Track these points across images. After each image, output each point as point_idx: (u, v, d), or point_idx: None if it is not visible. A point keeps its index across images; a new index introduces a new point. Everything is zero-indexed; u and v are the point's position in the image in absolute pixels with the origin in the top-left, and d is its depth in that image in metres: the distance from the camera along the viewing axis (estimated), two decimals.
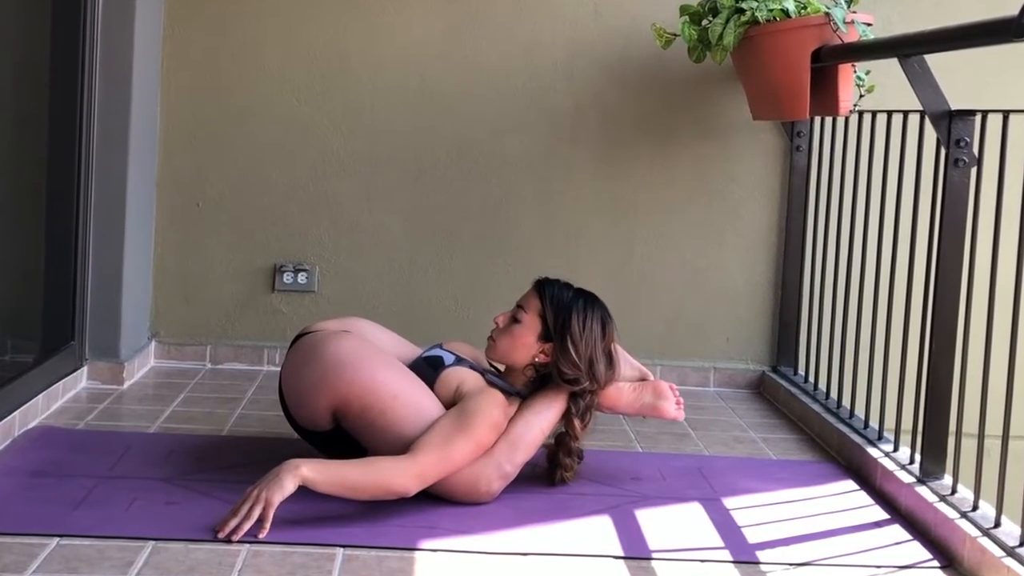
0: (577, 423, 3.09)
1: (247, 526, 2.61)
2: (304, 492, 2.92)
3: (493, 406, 2.96)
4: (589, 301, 3.13)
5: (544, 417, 3.05)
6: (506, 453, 2.96)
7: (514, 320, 3.09)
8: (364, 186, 4.38)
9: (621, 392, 3.18)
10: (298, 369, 3.05)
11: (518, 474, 3.01)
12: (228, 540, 2.59)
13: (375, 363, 2.98)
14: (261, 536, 2.60)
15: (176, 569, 2.45)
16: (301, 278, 4.37)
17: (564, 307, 3.07)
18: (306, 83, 4.36)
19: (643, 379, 3.26)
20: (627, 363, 3.26)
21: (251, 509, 2.64)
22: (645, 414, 3.21)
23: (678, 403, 3.19)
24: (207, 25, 4.33)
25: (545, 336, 3.07)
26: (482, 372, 3.10)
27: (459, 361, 3.11)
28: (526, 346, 3.07)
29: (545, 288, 3.12)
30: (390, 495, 2.76)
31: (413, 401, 2.94)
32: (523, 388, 3.10)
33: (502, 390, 3.04)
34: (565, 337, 3.04)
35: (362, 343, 3.05)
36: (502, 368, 3.18)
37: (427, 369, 3.07)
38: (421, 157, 4.38)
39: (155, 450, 3.25)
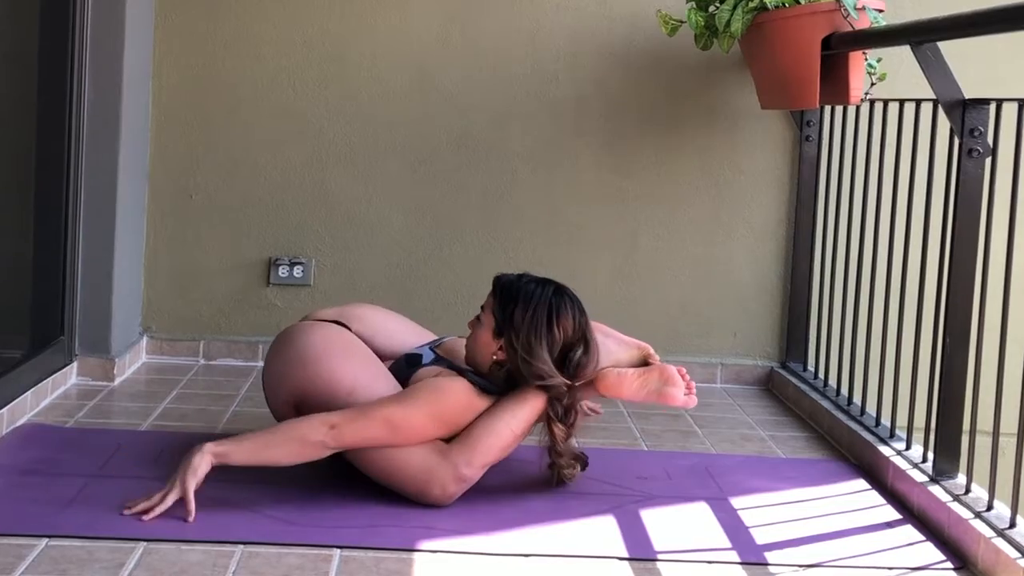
0: (557, 427, 2.95)
1: (157, 511, 2.69)
2: (302, 492, 2.92)
3: (443, 395, 2.89)
4: (540, 293, 2.97)
5: (513, 417, 2.92)
6: (463, 455, 2.87)
7: (477, 320, 3.05)
8: (362, 177, 4.37)
9: (623, 379, 3.02)
10: (269, 360, 3.12)
11: (519, 473, 3.00)
12: (138, 518, 2.69)
13: (338, 357, 2.98)
14: (189, 520, 2.68)
15: (168, 571, 2.44)
16: (297, 271, 4.36)
17: (511, 300, 2.97)
18: (302, 71, 4.35)
19: (646, 360, 3.11)
20: (623, 345, 3.13)
21: (164, 497, 2.71)
22: (652, 401, 3.04)
23: (688, 389, 3.03)
24: (200, 11, 4.32)
25: (498, 332, 2.98)
26: (462, 371, 3.01)
27: (437, 360, 3.08)
28: (485, 344, 2.99)
29: (498, 283, 3.04)
30: (306, 447, 2.79)
31: (370, 395, 2.92)
32: (499, 388, 3.00)
33: (482, 388, 2.96)
34: (509, 331, 2.94)
35: (336, 335, 3.05)
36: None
37: (404, 367, 3.07)
38: (420, 147, 4.37)
39: (147, 448, 3.24)
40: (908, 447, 3.29)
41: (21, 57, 3.87)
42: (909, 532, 2.91)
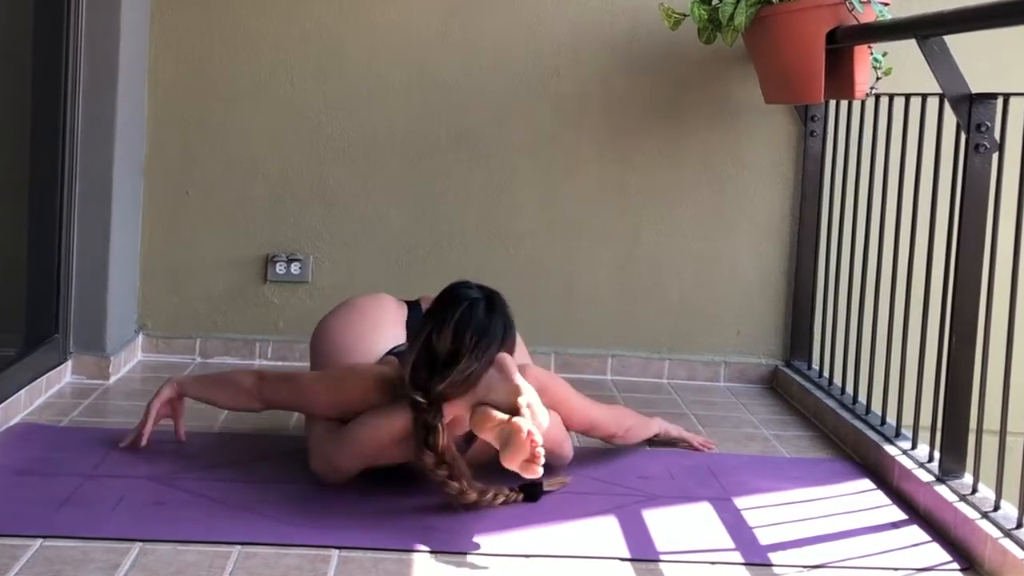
0: (420, 449, 2.79)
1: (144, 439, 3.18)
2: (300, 491, 2.92)
3: (344, 382, 3.00)
4: (453, 300, 2.91)
5: (382, 422, 2.86)
6: (333, 443, 2.94)
7: None
8: (360, 173, 4.37)
9: (486, 418, 2.79)
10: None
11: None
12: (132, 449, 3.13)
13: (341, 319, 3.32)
14: (142, 443, 3.17)
15: (164, 571, 2.44)
16: (294, 268, 4.36)
17: (438, 300, 2.97)
18: (300, 66, 4.35)
19: (516, 410, 2.76)
20: (505, 385, 2.81)
21: (141, 425, 3.20)
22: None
23: (533, 458, 2.69)
24: (196, 6, 4.32)
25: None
26: (403, 362, 2.94)
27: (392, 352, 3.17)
28: None
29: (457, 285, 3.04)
30: (239, 394, 3.16)
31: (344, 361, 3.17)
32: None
33: (393, 386, 2.89)
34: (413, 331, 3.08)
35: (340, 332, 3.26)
36: None
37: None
38: (420, 143, 4.37)
39: (142, 448, 3.24)
40: (914, 446, 3.29)
41: (15, 53, 3.87)
42: (915, 532, 2.91)
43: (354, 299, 3.42)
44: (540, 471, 2.70)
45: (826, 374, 4.10)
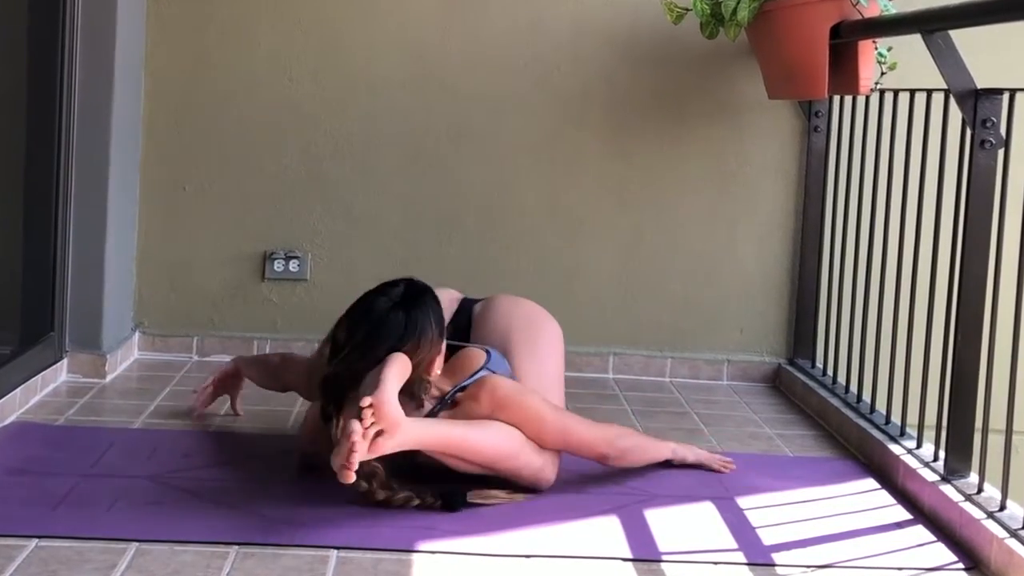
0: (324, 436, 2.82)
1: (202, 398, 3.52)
2: (298, 491, 2.92)
3: (315, 358, 3.24)
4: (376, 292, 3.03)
5: (312, 407, 3.11)
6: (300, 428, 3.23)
7: None
8: (359, 169, 4.37)
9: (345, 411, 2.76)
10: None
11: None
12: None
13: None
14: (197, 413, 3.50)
15: (161, 572, 2.44)
16: (293, 266, 4.36)
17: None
18: (298, 61, 4.35)
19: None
20: (371, 386, 2.72)
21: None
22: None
23: (345, 463, 2.61)
24: None
25: None
26: None
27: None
28: None
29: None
30: (267, 368, 3.56)
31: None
32: None
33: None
34: None
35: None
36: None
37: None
38: (419, 139, 4.37)
39: (139, 447, 3.24)
40: (919, 446, 3.29)
41: (10, 48, 3.86)
42: (920, 532, 2.90)
43: None
44: (351, 479, 2.62)
45: (830, 372, 4.10)
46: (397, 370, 2.74)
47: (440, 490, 2.86)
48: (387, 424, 2.64)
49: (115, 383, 3.98)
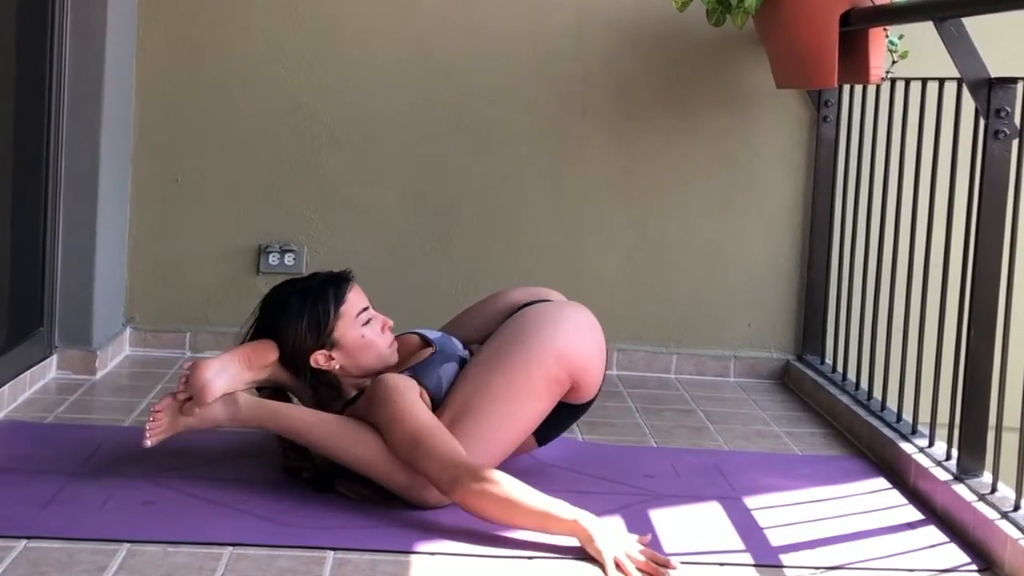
0: None
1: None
2: (293, 491, 2.92)
3: None
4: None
5: None
6: None
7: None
8: (356, 161, 4.37)
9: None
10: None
11: (519, 472, 3.00)
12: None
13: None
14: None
15: (153, 573, 2.44)
16: (288, 259, 4.36)
17: None
18: (294, 49, 4.34)
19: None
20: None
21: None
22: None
23: (148, 427, 2.91)
24: None
25: None
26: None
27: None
28: None
29: None
30: None
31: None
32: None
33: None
34: None
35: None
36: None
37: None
38: (418, 129, 4.37)
39: (130, 445, 3.23)
40: (931, 444, 3.29)
41: None
42: (932, 533, 2.91)
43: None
44: (145, 444, 2.89)
45: (840, 369, 4.10)
46: (243, 351, 3.01)
47: (326, 471, 2.93)
48: (194, 392, 2.90)
49: (106, 380, 3.98)
